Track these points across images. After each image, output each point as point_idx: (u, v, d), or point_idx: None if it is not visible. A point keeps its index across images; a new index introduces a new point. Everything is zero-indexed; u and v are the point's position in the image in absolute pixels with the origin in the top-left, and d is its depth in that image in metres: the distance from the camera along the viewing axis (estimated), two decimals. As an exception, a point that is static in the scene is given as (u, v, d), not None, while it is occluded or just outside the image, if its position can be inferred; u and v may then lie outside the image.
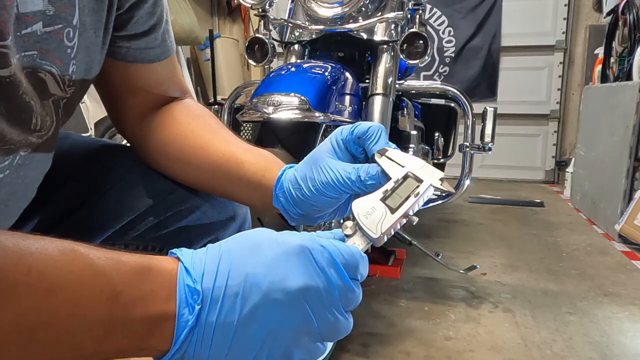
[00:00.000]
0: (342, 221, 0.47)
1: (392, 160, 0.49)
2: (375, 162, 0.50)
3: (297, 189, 0.52)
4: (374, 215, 0.45)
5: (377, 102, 1.35)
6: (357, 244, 0.44)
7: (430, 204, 1.65)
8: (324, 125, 1.12)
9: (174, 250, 0.39)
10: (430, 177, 0.48)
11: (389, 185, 0.47)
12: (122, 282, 0.34)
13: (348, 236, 0.44)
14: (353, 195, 0.53)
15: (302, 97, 1.04)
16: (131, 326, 0.34)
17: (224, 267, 0.36)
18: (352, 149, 0.52)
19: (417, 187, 0.47)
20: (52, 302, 0.31)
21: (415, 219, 0.47)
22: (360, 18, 1.40)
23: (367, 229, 0.44)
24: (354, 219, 0.45)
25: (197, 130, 0.60)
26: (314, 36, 1.44)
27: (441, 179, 0.48)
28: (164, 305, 0.35)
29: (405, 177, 0.48)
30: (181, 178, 0.61)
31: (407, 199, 0.46)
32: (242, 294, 0.36)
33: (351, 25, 1.38)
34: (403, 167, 0.48)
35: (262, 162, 0.56)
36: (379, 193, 0.47)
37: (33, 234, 0.33)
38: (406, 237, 1.81)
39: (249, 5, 1.37)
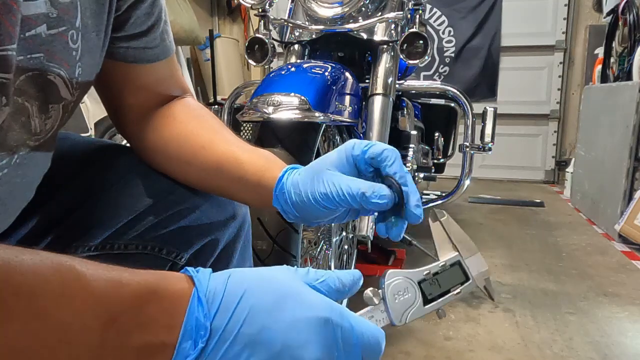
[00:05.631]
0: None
1: (445, 231, 0.46)
2: (389, 183, 0.48)
3: (297, 194, 0.52)
4: (405, 300, 0.42)
5: (377, 102, 1.35)
6: (375, 319, 0.41)
7: (430, 204, 1.65)
8: (324, 125, 1.12)
9: (190, 269, 0.37)
10: (477, 274, 0.45)
11: (435, 268, 0.44)
12: (119, 307, 0.32)
13: (370, 303, 0.42)
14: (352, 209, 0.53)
15: (302, 97, 1.04)
16: (125, 354, 0.32)
17: (241, 310, 0.34)
18: (361, 166, 0.51)
19: (462, 284, 0.44)
20: (40, 327, 0.29)
21: (444, 315, 0.44)
22: (360, 18, 1.40)
23: (392, 314, 0.41)
24: (382, 293, 0.42)
25: (197, 130, 0.60)
26: (314, 36, 1.44)
27: (487, 279, 0.45)
28: (164, 335, 0.33)
29: (454, 264, 0.44)
30: (181, 177, 0.61)
31: (446, 293, 0.43)
32: (251, 347, 0.34)
33: (351, 25, 1.38)
34: (456, 248, 0.45)
35: (262, 162, 0.56)
36: (419, 272, 0.43)
37: (29, 250, 0.31)
38: (406, 237, 1.81)
39: (249, 5, 1.37)
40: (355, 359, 0.37)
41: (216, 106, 1.79)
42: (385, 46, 1.41)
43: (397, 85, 1.44)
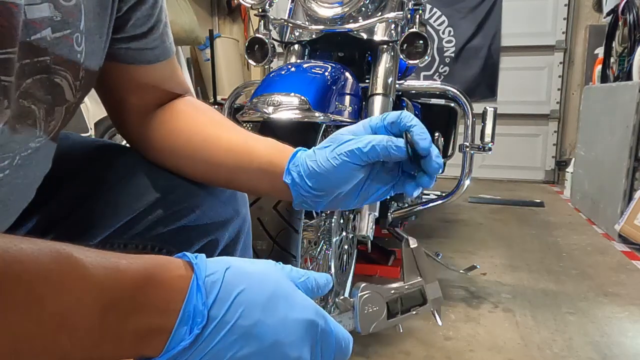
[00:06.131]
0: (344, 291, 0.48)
1: (414, 258, 0.52)
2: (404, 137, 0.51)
3: (312, 161, 0.52)
4: (372, 312, 0.47)
5: (377, 102, 1.35)
6: (343, 324, 0.45)
7: (430, 204, 1.65)
8: (324, 125, 1.12)
9: (188, 255, 0.38)
10: (433, 299, 0.51)
11: (401, 288, 0.50)
12: (117, 293, 0.33)
13: (342, 310, 0.47)
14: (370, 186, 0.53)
15: (302, 97, 1.04)
16: (123, 336, 0.33)
17: (239, 303, 0.36)
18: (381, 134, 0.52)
19: (419, 306, 0.50)
20: (40, 314, 0.30)
21: (400, 331, 0.50)
22: (360, 18, 1.40)
23: (360, 323, 0.47)
24: (354, 302, 0.47)
25: (202, 123, 0.60)
26: (314, 36, 1.44)
27: (439, 305, 0.52)
28: (161, 320, 0.34)
29: (417, 288, 0.51)
30: (188, 171, 0.61)
31: (406, 312, 0.49)
32: (244, 339, 0.36)
33: (351, 25, 1.38)
34: (421, 274, 0.51)
35: (273, 145, 0.58)
36: (388, 289, 0.49)
37: (27, 238, 0.32)
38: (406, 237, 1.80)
39: (249, 5, 1.37)
40: (329, 358, 0.40)
41: (216, 106, 1.79)
42: (385, 46, 1.41)
43: (397, 85, 1.44)
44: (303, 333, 0.38)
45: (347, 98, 1.20)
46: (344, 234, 1.42)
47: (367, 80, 1.42)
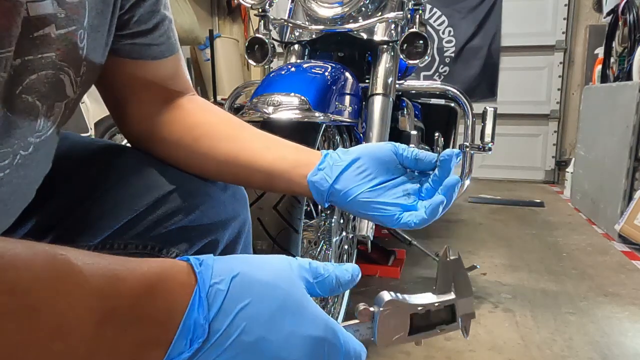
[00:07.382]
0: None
1: (451, 272, 0.48)
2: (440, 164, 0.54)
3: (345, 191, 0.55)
4: (394, 327, 0.44)
5: (377, 102, 1.35)
6: (360, 334, 0.42)
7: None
8: (324, 125, 1.12)
9: (192, 260, 0.37)
10: (463, 316, 0.47)
11: (430, 305, 0.45)
12: (116, 302, 0.32)
13: (360, 320, 0.43)
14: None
15: (302, 97, 1.04)
16: (120, 347, 0.32)
17: (241, 317, 0.35)
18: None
19: (447, 324, 0.46)
20: (35, 323, 0.29)
21: (419, 344, 0.46)
22: (360, 18, 1.40)
23: (379, 336, 0.43)
24: (374, 314, 0.43)
25: (213, 122, 0.61)
26: (314, 36, 1.44)
27: (469, 321, 0.48)
28: (160, 332, 0.33)
29: (448, 306, 0.46)
30: (197, 166, 0.61)
31: (432, 328, 0.45)
32: (245, 355, 0.35)
33: (351, 25, 1.38)
34: (454, 291, 0.47)
35: (296, 154, 0.60)
36: (414, 306, 0.45)
37: (23, 242, 0.31)
38: (406, 237, 1.81)
39: (249, 5, 1.37)
40: None
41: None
42: (385, 46, 1.41)
43: (397, 85, 1.44)
44: (308, 350, 0.36)
45: (347, 98, 1.20)
46: (344, 234, 1.42)
47: (367, 80, 1.42)
